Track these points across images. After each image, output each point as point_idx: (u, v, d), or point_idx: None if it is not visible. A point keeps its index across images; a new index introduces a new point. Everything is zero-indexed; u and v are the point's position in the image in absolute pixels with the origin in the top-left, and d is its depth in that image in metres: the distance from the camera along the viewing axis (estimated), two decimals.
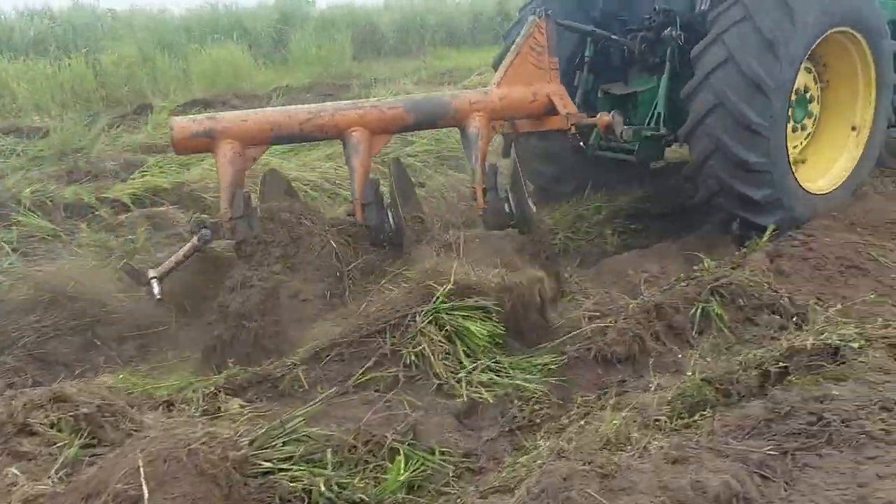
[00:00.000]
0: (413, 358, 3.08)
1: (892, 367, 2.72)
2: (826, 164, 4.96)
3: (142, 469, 2.03)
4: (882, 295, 3.87)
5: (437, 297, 3.23)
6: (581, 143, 4.94)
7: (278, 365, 3.17)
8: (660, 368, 3.31)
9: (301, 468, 2.41)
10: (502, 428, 2.90)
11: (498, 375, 3.11)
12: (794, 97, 4.56)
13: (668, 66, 4.77)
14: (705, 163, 4.42)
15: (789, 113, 4.54)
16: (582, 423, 2.68)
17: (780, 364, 2.79)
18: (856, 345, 2.79)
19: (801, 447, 2.37)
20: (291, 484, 2.33)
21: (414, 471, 2.56)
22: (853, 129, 4.91)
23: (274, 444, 2.45)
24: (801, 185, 4.62)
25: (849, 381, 2.67)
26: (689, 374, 3.01)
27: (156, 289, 3.74)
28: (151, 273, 3.80)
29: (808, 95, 4.84)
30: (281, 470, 2.38)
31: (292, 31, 18.83)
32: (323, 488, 2.33)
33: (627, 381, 3.25)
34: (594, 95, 5.17)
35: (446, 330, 3.19)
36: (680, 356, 3.33)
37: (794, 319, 3.52)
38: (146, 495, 1.99)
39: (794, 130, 4.76)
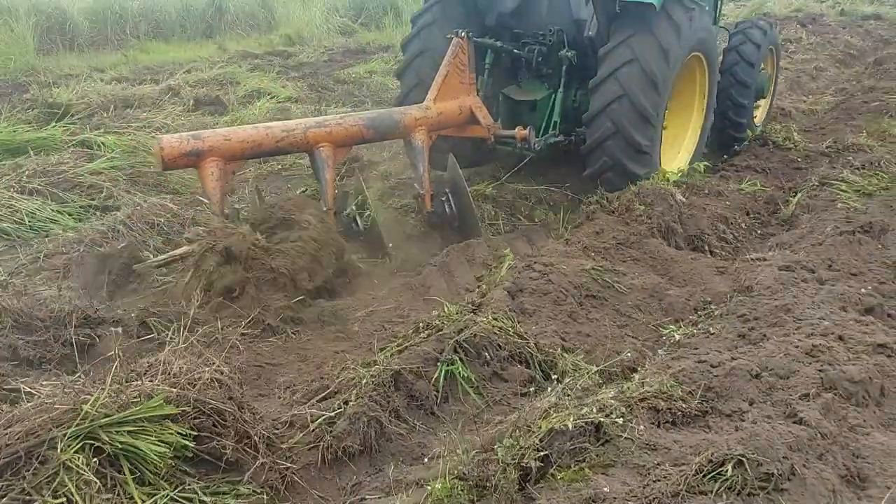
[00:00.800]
0: None
1: (657, 441, 2.36)
2: (672, 156, 5.96)
3: None
4: (622, 326, 3.67)
5: (88, 407, 2.26)
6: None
7: None
8: (403, 457, 2.69)
9: None
10: None
11: None
12: None
13: (563, 82, 5.57)
14: (599, 159, 5.27)
15: None
16: None
17: (541, 454, 2.30)
18: (619, 419, 2.39)
19: None
20: None
21: None
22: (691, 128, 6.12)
23: None
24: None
25: (617, 468, 2.26)
26: (439, 471, 2.41)
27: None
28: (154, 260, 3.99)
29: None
30: None
31: None
32: None
33: (364, 482, 2.57)
34: (493, 98, 5.86)
35: (107, 456, 2.24)
36: (425, 443, 2.73)
37: (543, 371, 3.13)
38: None
39: None
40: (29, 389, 2.54)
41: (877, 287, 3.81)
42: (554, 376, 3.09)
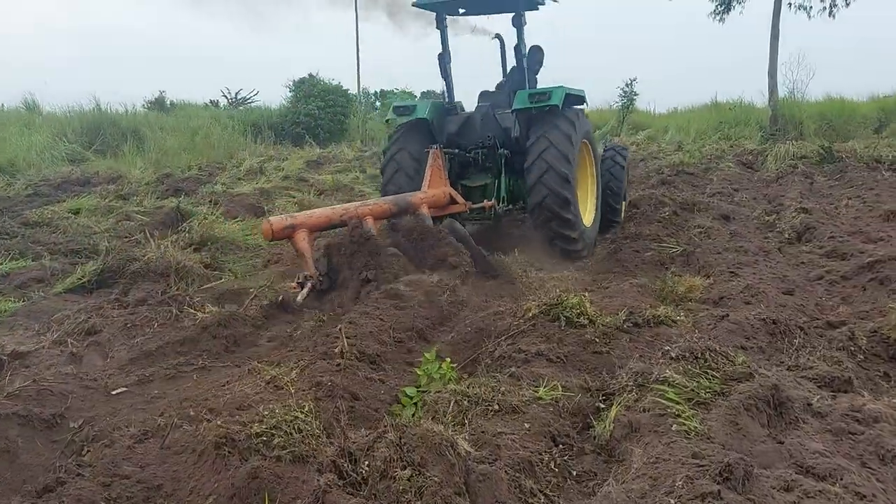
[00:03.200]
0: None
1: None
2: (584, 210, 8.98)
3: None
4: None
5: None
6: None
7: None
8: None
9: None
10: None
11: None
12: None
13: (504, 170, 8.77)
14: (542, 214, 8.32)
15: None
16: None
17: None
18: None
19: None
20: None
21: None
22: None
23: None
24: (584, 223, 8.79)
25: None
26: None
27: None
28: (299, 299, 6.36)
29: None
30: None
31: None
32: None
33: None
34: (454, 187, 8.62)
35: None
36: None
37: None
38: None
39: None
40: None
41: None
42: None
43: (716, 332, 5.14)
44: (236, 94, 34.57)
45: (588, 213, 9.03)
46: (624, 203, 10.73)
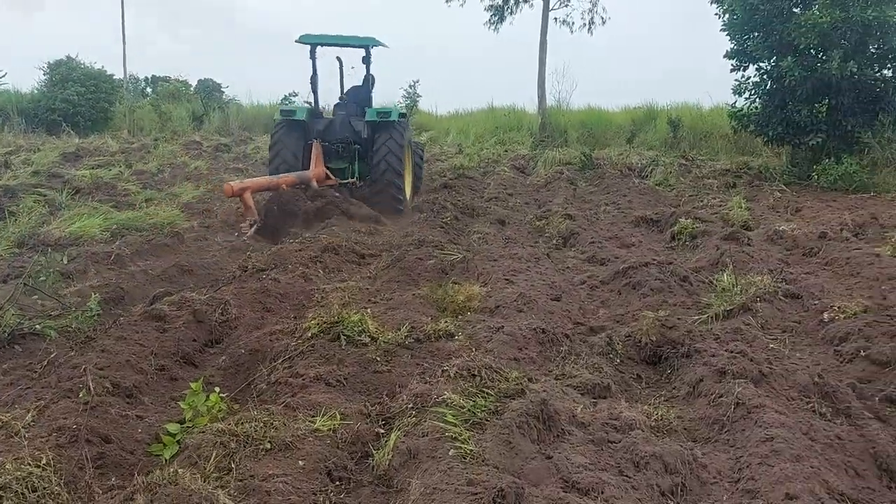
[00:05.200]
0: None
1: None
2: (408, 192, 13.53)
3: None
4: None
5: None
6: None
7: None
8: None
9: None
10: None
11: None
12: None
13: (357, 158, 13.00)
14: (384, 184, 12.52)
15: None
16: None
17: None
18: None
19: None
20: None
21: None
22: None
23: None
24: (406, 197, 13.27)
25: None
26: None
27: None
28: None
29: None
30: None
31: None
32: None
33: None
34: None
35: None
36: None
37: None
38: None
39: None
40: None
41: None
42: None
43: (492, 344, 5.28)
44: None
45: (407, 187, 13.42)
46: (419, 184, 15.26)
